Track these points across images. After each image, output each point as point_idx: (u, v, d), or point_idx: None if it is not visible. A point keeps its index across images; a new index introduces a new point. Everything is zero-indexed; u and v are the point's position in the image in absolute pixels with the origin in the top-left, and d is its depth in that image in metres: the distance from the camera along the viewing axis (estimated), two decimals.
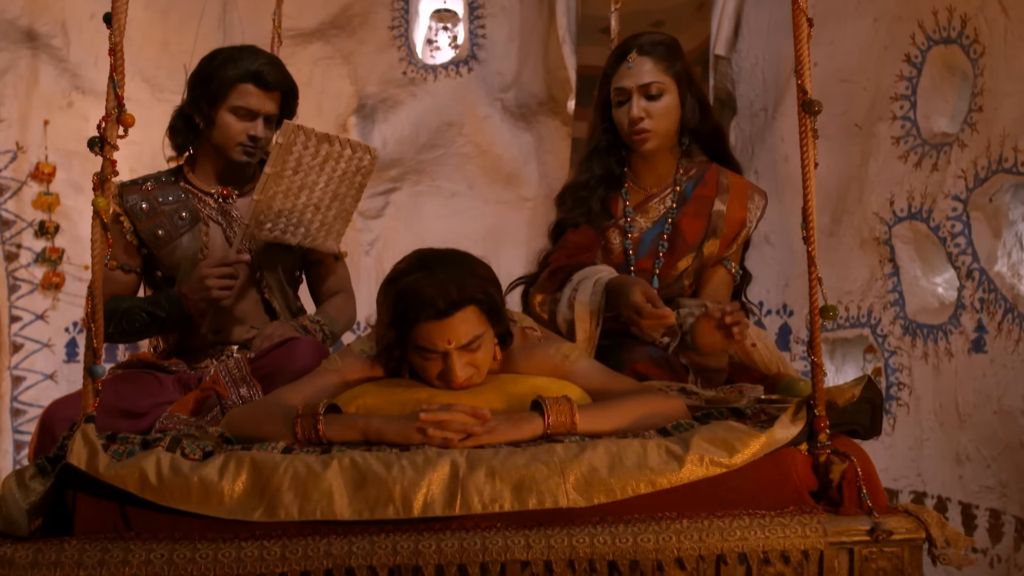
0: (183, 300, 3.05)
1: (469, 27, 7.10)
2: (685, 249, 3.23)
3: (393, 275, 2.36)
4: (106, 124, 2.11)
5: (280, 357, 2.89)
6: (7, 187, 6.68)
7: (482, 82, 7.07)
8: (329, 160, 3.03)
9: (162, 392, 2.98)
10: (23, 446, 6.65)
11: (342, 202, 3.15)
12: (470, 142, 7.09)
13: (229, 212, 3.22)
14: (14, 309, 6.69)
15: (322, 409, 2.23)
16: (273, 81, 3.19)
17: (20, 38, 6.67)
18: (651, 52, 3.20)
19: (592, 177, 3.31)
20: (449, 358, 2.35)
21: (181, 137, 3.23)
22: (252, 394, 2.82)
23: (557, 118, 7.12)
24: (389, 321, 2.35)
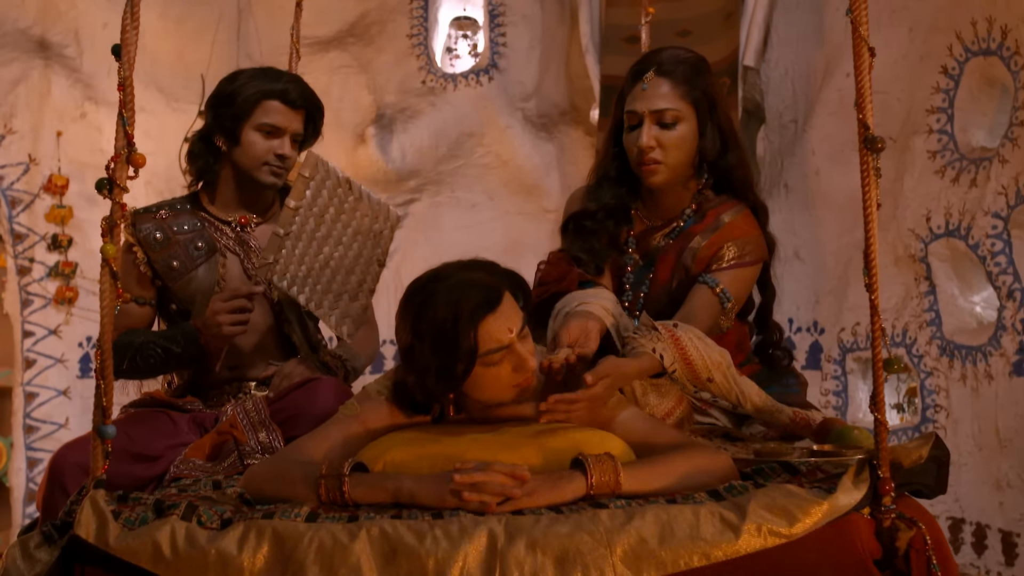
0: (199, 335, 2.91)
1: (489, 35, 6.96)
2: (658, 291, 2.97)
3: (420, 310, 2.19)
4: (115, 165, 1.97)
5: (300, 399, 2.75)
6: (19, 200, 6.56)
7: (503, 91, 6.93)
8: (353, 212, 2.86)
9: (176, 433, 2.84)
10: (36, 463, 6.53)
11: (360, 278, 2.95)
12: (490, 152, 6.95)
13: (247, 242, 3.08)
14: (27, 324, 6.57)
15: (347, 469, 2.09)
16: (298, 98, 3.06)
17: (32, 48, 6.55)
18: (670, 73, 2.83)
19: (601, 208, 3.01)
20: (514, 348, 2.21)
21: (202, 161, 3.08)
22: (271, 439, 2.68)
23: (579, 128, 6.98)
24: (445, 354, 2.17)
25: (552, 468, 2.14)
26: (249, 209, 3.12)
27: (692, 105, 2.86)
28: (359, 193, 2.92)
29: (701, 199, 2.97)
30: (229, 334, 2.89)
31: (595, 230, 2.96)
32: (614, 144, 2.99)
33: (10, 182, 6.55)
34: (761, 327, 3.06)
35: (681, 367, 2.56)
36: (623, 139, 2.93)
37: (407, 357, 2.26)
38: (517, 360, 2.24)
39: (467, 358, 2.19)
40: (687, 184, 2.96)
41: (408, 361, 2.26)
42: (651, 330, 2.60)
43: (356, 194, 2.91)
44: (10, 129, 6.54)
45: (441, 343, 2.18)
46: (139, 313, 3.07)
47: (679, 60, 2.88)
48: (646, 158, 2.85)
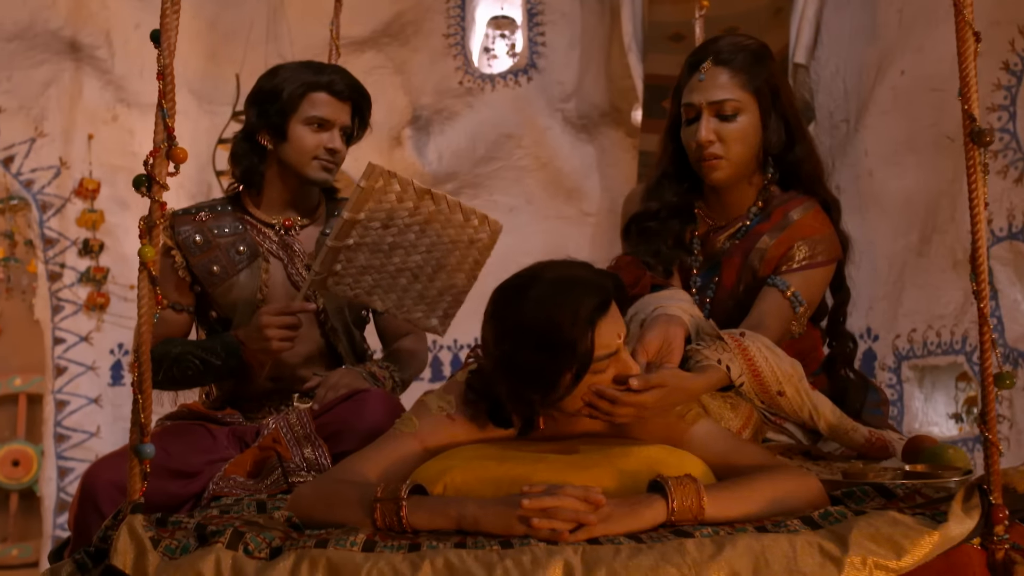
0: (241, 348, 2.74)
1: (528, 34, 6.81)
2: (724, 296, 2.76)
3: (524, 310, 2.00)
4: (154, 160, 1.81)
5: (347, 412, 2.58)
6: (50, 204, 6.44)
7: (542, 92, 6.78)
8: (433, 223, 2.66)
9: (215, 447, 2.68)
10: (67, 472, 6.41)
11: (451, 276, 2.75)
12: (529, 155, 6.80)
13: (291, 246, 2.91)
14: (58, 331, 6.45)
15: (405, 492, 1.91)
16: (345, 89, 2.90)
17: (63, 49, 6.45)
18: (729, 62, 2.61)
19: (663, 207, 2.82)
20: (622, 353, 2.06)
21: (247, 161, 2.92)
22: (317, 455, 2.51)
23: (621, 129, 6.82)
24: (554, 360, 1.99)
25: (627, 491, 1.96)
26: (295, 211, 2.96)
27: (753, 95, 2.66)
28: (447, 204, 2.72)
29: (767, 196, 2.77)
30: (277, 350, 2.73)
31: (659, 231, 2.77)
32: (672, 140, 2.79)
33: (41, 186, 6.44)
34: (833, 334, 2.84)
35: (749, 380, 2.38)
36: (681, 134, 2.73)
37: (503, 364, 2.06)
38: (622, 368, 2.07)
39: (581, 364, 2.02)
40: (751, 180, 2.76)
41: (504, 369, 2.06)
42: (716, 339, 2.41)
43: (444, 205, 2.72)
44: (41, 132, 6.43)
45: (551, 347, 2.00)
46: (176, 320, 2.91)
47: (738, 47, 2.68)
48: (705, 153, 2.65)
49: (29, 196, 6.41)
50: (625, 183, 6.76)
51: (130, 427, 1.79)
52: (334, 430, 2.56)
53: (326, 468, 2.49)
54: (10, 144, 6.40)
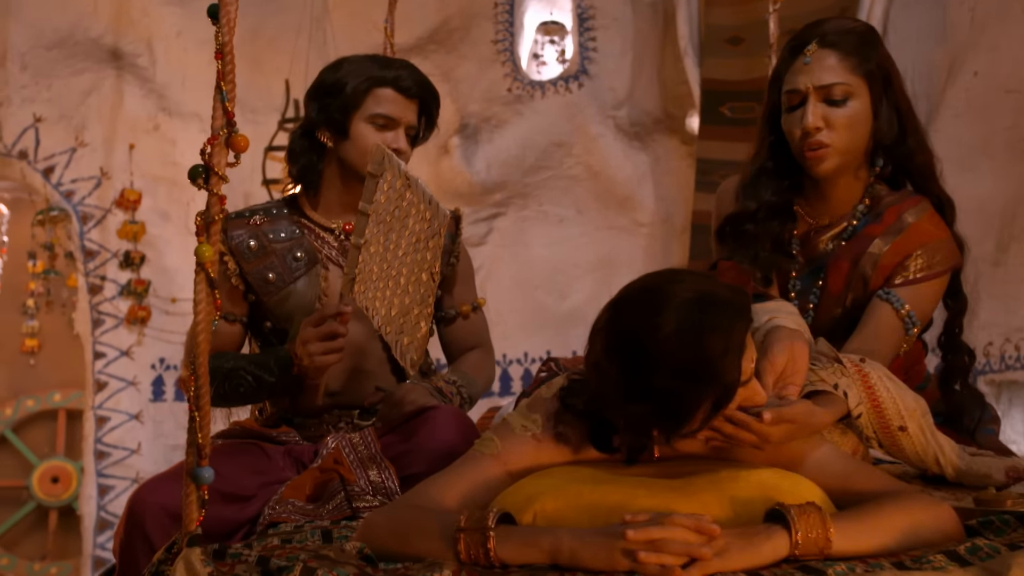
0: (294, 363, 2.53)
1: (579, 40, 6.63)
2: (830, 304, 2.52)
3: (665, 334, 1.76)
4: (212, 149, 1.61)
5: (416, 431, 2.37)
6: (91, 215, 6.30)
7: (593, 99, 6.59)
8: (411, 210, 2.46)
9: (271, 469, 2.47)
10: (107, 490, 6.24)
11: (419, 289, 2.56)
12: (580, 163, 6.61)
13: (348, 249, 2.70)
14: (98, 345, 6.30)
15: (493, 521, 1.70)
16: (412, 86, 2.69)
17: (105, 57, 6.32)
18: (837, 44, 2.39)
19: (761, 207, 2.59)
20: (752, 381, 1.82)
21: (304, 159, 2.71)
22: (384, 478, 2.29)
23: (675, 137, 6.61)
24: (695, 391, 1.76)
25: (740, 521, 1.74)
26: (355, 214, 2.75)
27: (864, 79, 2.42)
28: (417, 189, 2.53)
29: (874, 193, 2.53)
30: (321, 365, 2.51)
31: (757, 234, 2.53)
32: (770, 132, 2.55)
33: (81, 197, 6.30)
34: (949, 346, 2.59)
35: (868, 411, 2.13)
36: (782, 123, 2.50)
37: (625, 390, 1.83)
38: (751, 395, 1.84)
39: (724, 395, 1.78)
40: (857, 174, 2.52)
41: (627, 395, 1.82)
42: (833, 361, 2.17)
43: (415, 191, 2.52)
44: (81, 142, 6.30)
45: (694, 377, 1.76)
46: (228, 332, 2.70)
47: (846, 30, 2.45)
48: (812, 141, 2.41)
49: (69, 207, 6.27)
50: (680, 192, 6.57)
51: (186, 448, 1.59)
52: (401, 450, 2.35)
53: (394, 492, 2.28)
54: (50, 154, 6.27)
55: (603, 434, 1.95)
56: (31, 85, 6.24)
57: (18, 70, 6.19)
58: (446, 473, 1.97)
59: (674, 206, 6.58)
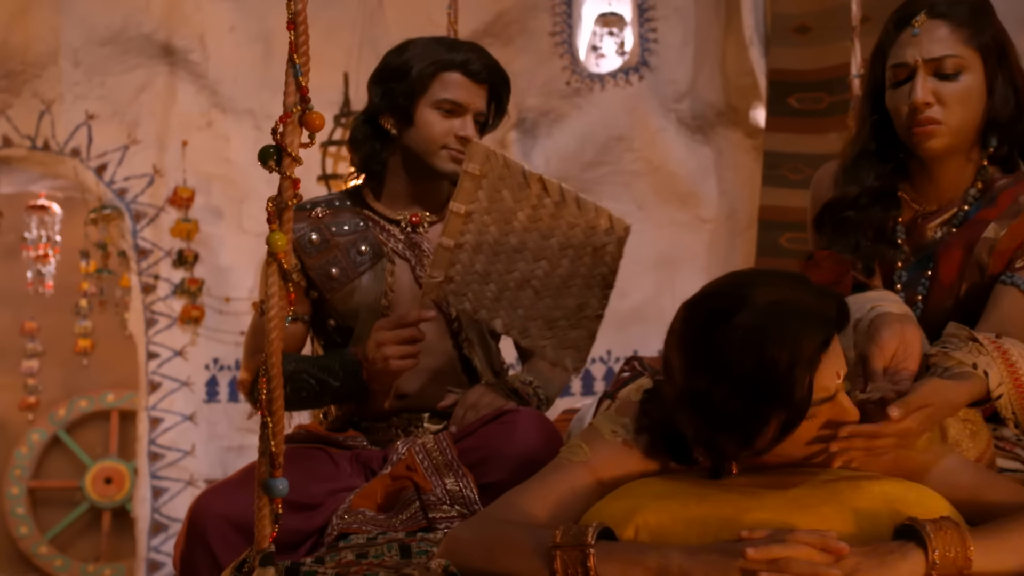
0: (361, 368, 2.38)
1: (639, 31, 6.45)
2: (941, 295, 2.33)
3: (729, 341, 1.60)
4: (285, 128, 1.46)
5: (494, 436, 2.20)
6: (144, 213, 6.21)
7: (654, 91, 6.41)
8: (559, 221, 2.28)
9: (337, 475, 2.32)
10: (161, 492, 6.15)
11: (580, 296, 2.32)
12: (641, 158, 6.43)
13: (419, 245, 2.55)
14: (151, 345, 6.21)
15: (592, 537, 1.54)
16: (482, 70, 2.54)
17: (157, 53, 6.23)
18: (948, 14, 2.20)
19: (863, 192, 2.41)
20: (840, 397, 1.65)
21: (367, 147, 2.56)
22: (462, 487, 2.14)
23: (739, 130, 6.42)
24: (761, 405, 1.59)
25: (865, 537, 1.57)
26: (421, 205, 2.60)
27: (978, 52, 2.23)
28: (561, 195, 2.35)
29: (987, 176, 2.33)
30: (397, 369, 2.35)
31: (859, 222, 2.35)
32: (872, 111, 2.37)
33: (134, 195, 6.21)
34: None
35: (1010, 390, 1.94)
36: (887, 100, 2.31)
37: (690, 400, 1.67)
38: (838, 413, 1.66)
39: (793, 414, 1.61)
40: (969, 155, 2.32)
41: (692, 406, 1.67)
42: (967, 341, 1.98)
43: (557, 196, 2.35)
44: (134, 139, 6.21)
45: (757, 392, 1.59)
46: (290, 331, 2.55)
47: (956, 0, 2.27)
48: (921, 117, 2.22)
49: (122, 205, 6.19)
50: (744, 187, 6.38)
51: (258, 457, 1.44)
52: (480, 457, 2.19)
53: (472, 502, 2.13)
54: (103, 152, 6.18)
55: (681, 449, 1.79)
56: (84, 82, 6.16)
57: (71, 67, 6.11)
58: (533, 483, 1.81)
59: (738, 201, 6.39)
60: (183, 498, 6.15)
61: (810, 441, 1.67)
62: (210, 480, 6.20)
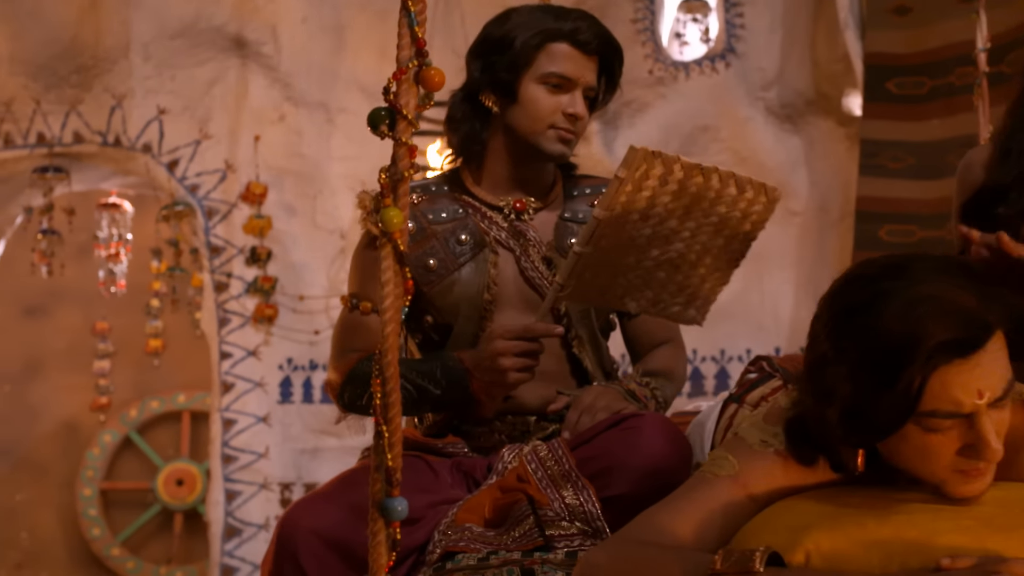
0: (467, 376, 2.16)
1: (725, 16, 6.18)
2: None
3: (857, 313, 1.42)
4: (399, 86, 1.25)
5: (616, 443, 1.98)
6: (216, 210, 6.05)
7: (741, 79, 6.14)
8: (701, 201, 2.09)
9: (438, 486, 2.11)
10: (235, 496, 5.99)
11: (717, 259, 2.19)
12: (728, 148, 6.17)
13: (524, 233, 2.33)
14: (224, 345, 6.05)
15: (761, 563, 1.32)
16: (592, 40, 2.31)
17: (228, 46, 6.08)
18: None
19: (1017, 181, 2.18)
20: (977, 420, 1.41)
21: (467, 126, 2.34)
22: (583, 501, 1.91)
23: (830, 118, 6.13)
24: (869, 387, 1.39)
25: None
26: (526, 190, 2.38)
27: None
28: (719, 178, 2.15)
29: None
30: (514, 383, 2.14)
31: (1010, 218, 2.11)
32: None
33: (207, 191, 6.06)
34: None
35: None
36: None
37: (816, 372, 1.48)
38: (975, 439, 1.42)
39: (897, 407, 1.40)
40: None
41: (815, 378, 1.48)
42: None
43: (715, 180, 2.15)
44: (206, 134, 6.06)
45: (869, 370, 1.40)
46: None
47: None
48: None
49: (194, 201, 6.04)
50: (836, 177, 6.09)
51: (371, 473, 1.23)
52: (600, 467, 1.96)
53: (594, 517, 1.90)
54: (175, 147, 6.04)
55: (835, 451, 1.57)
56: (154, 76, 6.02)
57: (141, 61, 5.98)
58: (674, 500, 1.59)
59: (830, 193, 6.10)
60: (257, 502, 6.00)
61: (948, 464, 1.43)
62: (284, 483, 6.04)
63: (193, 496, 8.43)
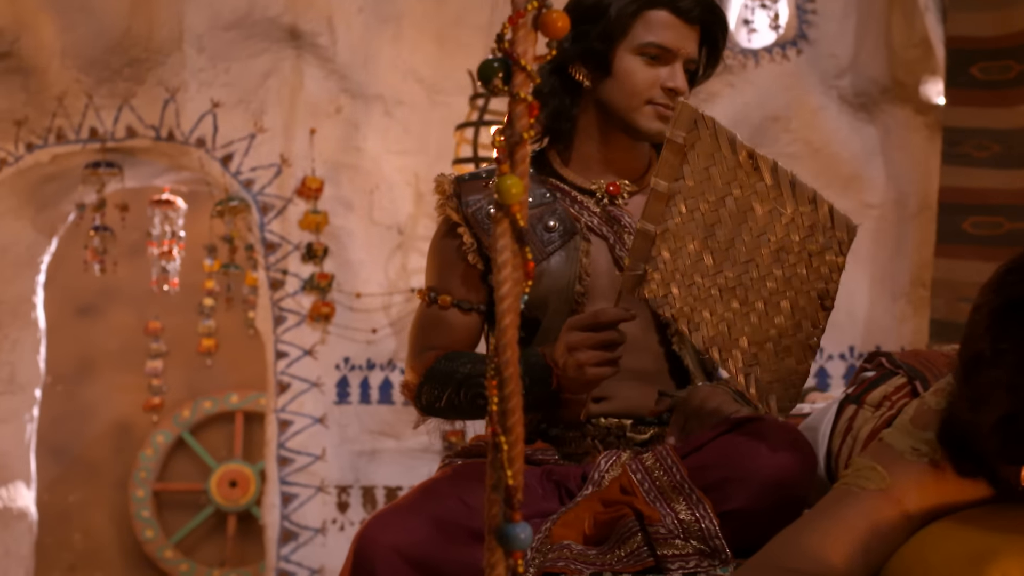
0: (552, 374, 1.96)
1: (796, 1, 5.95)
2: None
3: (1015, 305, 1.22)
4: (515, 32, 1.05)
5: (734, 451, 1.77)
6: (271, 205, 5.89)
7: (813, 67, 5.90)
8: (777, 214, 1.84)
9: (528, 498, 1.91)
10: (291, 499, 5.83)
11: (793, 316, 1.87)
12: (799, 139, 5.93)
13: (618, 219, 2.13)
14: (280, 344, 5.88)
15: None
16: (694, 7, 2.12)
17: (283, 37, 5.91)
18: None
19: None
20: None
21: (556, 101, 2.14)
22: (698, 516, 1.71)
23: (908, 106, 5.88)
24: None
25: None
26: (619, 172, 2.18)
27: None
28: (775, 177, 1.90)
29: None
30: (593, 378, 1.93)
31: None
32: None
33: (261, 186, 5.90)
34: None
35: None
36: None
37: (970, 372, 1.27)
38: None
39: None
40: None
41: (969, 380, 1.27)
42: None
43: (770, 178, 1.90)
44: (261, 128, 5.90)
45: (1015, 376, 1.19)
46: (463, 325, 2.15)
47: None
48: None
49: (249, 197, 5.88)
50: (914, 168, 5.84)
51: (488, 491, 1.03)
52: (716, 477, 1.76)
53: (712, 535, 1.70)
54: (229, 141, 5.88)
55: None
56: (208, 69, 5.86)
57: (195, 53, 5.82)
58: (818, 519, 1.38)
59: (908, 184, 5.85)
60: (313, 505, 5.84)
61: None
62: (341, 486, 5.87)
63: (247, 498, 8.30)
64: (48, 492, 7.95)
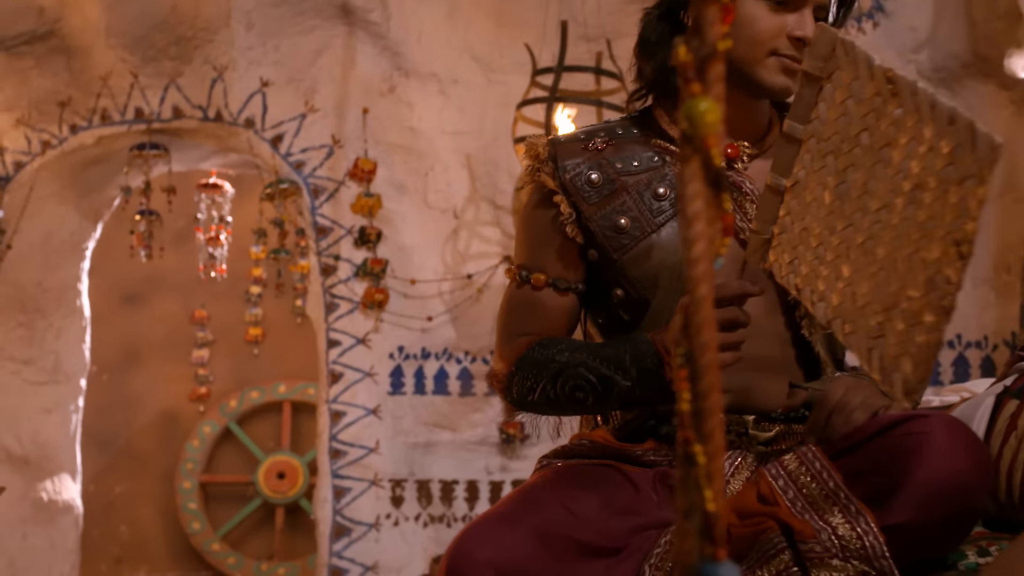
0: (664, 363, 1.71)
1: None
2: None
3: None
4: None
5: (894, 454, 1.51)
6: (323, 188, 5.66)
7: (890, 41, 5.59)
8: (914, 146, 1.53)
9: (641, 505, 1.66)
10: (343, 493, 5.60)
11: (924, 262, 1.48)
12: None
13: (739, 186, 1.87)
14: (332, 332, 5.66)
15: None
16: None
17: (334, 13, 5.67)
18: None
19: None
20: None
21: (664, 53, 1.88)
22: (861, 532, 1.46)
23: (991, 81, 5.56)
24: None
25: None
26: (737, 133, 1.92)
27: None
28: (916, 100, 1.61)
29: None
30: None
31: None
32: None
33: (312, 168, 5.67)
34: None
35: None
36: None
37: None
38: None
39: None
40: None
41: None
42: None
43: (911, 102, 1.61)
44: (312, 107, 5.67)
45: None
46: (559, 306, 1.90)
47: None
48: None
49: (300, 179, 5.65)
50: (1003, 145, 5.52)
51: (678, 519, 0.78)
52: (876, 485, 1.50)
53: (878, 554, 1.44)
54: (279, 121, 5.65)
55: None
56: (257, 46, 5.64)
57: (243, 30, 5.59)
58: None
59: None
60: (366, 499, 5.60)
61: None
62: (395, 480, 5.63)
63: (295, 490, 8.11)
64: (94, 483, 7.80)
